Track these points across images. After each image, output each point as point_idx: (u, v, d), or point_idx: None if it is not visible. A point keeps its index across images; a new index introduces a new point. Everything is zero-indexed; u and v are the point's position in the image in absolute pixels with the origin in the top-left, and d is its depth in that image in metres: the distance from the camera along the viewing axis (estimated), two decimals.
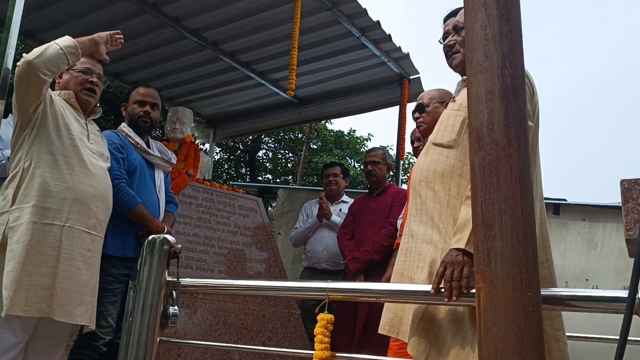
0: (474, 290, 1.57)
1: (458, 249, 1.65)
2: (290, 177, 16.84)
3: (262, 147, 16.49)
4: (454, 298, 1.58)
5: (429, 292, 1.62)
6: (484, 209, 1.29)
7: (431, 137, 1.97)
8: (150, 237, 1.32)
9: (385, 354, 3.44)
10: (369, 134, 17.35)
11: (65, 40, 2.39)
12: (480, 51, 1.36)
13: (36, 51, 2.33)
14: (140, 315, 1.27)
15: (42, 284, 2.23)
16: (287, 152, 17.05)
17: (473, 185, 1.33)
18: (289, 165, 17.10)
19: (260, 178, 16.49)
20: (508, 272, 1.24)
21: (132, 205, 2.78)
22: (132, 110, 3.05)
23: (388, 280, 3.22)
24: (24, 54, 2.35)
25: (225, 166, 16.34)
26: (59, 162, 2.38)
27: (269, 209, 7.40)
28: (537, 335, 1.22)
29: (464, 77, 2.12)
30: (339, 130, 16.73)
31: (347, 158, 16.31)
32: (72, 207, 2.36)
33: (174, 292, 1.32)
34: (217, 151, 15.28)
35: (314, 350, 1.63)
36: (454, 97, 2.01)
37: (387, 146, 16.09)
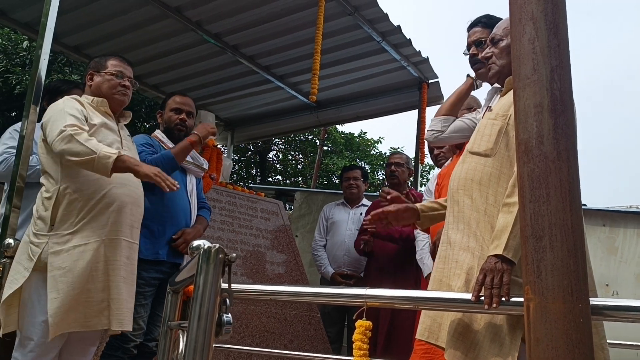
0: (514, 299, 1.60)
1: (496, 256, 1.66)
2: (300, 179, 16.88)
3: (272, 148, 16.55)
4: (494, 305, 1.59)
5: (467, 299, 1.63)
6: (534, 221, 1.31)
7: (468, 146, 1.98)
8: (206, 247, 1.35)
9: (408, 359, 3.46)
10: (379, 137, 17.35)
11: (104, 166, 2.27)
12: (529, 64, 1.38)
13: (75, 150, 2.26)
14: (197, 322, 1.29)
15: (97, 298, 2.28)
16: (297, 153, 17.09)
17: (521, 197, 1.35)
18: (299, 166, 17.15)
19: (270, 179, 16.54)
20: (559, 283, 1.25)
21: (169, 156, 2.87)
22: (169, 118, 3.11)
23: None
24: (71, 134, 2.26)
25: (236, 167, 16.40)
26: (92, 179, 2.38)
27: (286, 211, 7.43)
28: (588, 346, 1.24)
29: (495, 85, 2.14)
30: (350, 132, 16.77)
31: (358, 160, 16.33)
32: (110, 219, 2.38)
33: (227, 300, 1.35)
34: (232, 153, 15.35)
35: (334, 354, 1.66)
36: (490, 106, 2.03)
37: (398, 148, 16.12)
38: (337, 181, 14.37)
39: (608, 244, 4.84)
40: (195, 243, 1.68)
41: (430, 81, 5.14)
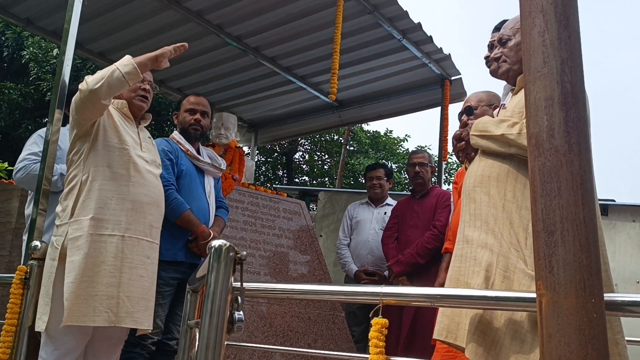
0: (531, 295, 1.58)
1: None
2: (327, 179, 16.89)
3: (298, 149, 16.60)
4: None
5: (486, 296, 1.61)
6: (545, 216, 1.29)
7: None
8: (217, 245, 1.37)
9: (430, 358, 3.43)
10: (406, 135, 17.25)
11: (127, 66, 2.39)
12: (539, 57, 1.36)
13: (98, 78, 2.37)
14: (209, 320, 1.31)
15: (107, 294, 2.30)
16: (323, 154, 17.12)
17: (533, 192, 1.33)
18: (325, 167, 17.17)
19: (297, 180, 16.59)
20: (571, 278, 1.24)
21: (180, 211, 2.86)
22: (184, 119, 3.15)
23: (441, 286, 3.22)
24: (86, 78, 2.41)
25: (263, 169, 16.50)
26: (114, 174, 2.45)
27: (310, 211, 7.45)
28: (602, 342, 1.22)
29: (509, 84, 2.13)
30: (375, 131, 16.70)
31: (384, 160, 16.26)
32: (130, 216, 2.43)
33: (239, 298, 1.36)
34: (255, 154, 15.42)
35: (359, 353, 1.66)
36: (504, 104, 2.02)
37: (425, 146, 16.00)
38: (363, 181, 14.35)
39: (638, 240, 4.71)
40: (213, 243, 1.71)
41: (452, 78, 5.09)
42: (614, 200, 5.12)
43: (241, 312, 1.36)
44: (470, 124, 2.08)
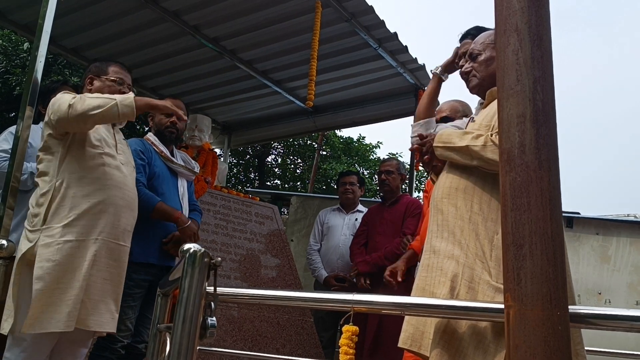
0: (497, 306, 1.61)
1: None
2: (299, 183, 16.89)
3: (271, 152, 16.56)
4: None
5: (454, 306, 1.65)
6: (515, 229, 1.33)
7: None
8: (191, 250, 1.36)
9: None
10: (378, 141, 17.36)
11: (127, 107, 2.35)
12: (512, 75, 1.40)
13: (95, 105, 2.31)
14: (182, 325, 1.31)
15: (75, 298, 2.26)
16: (296, 158, 17.11)
17: (503, 206, 1.37)
18: (297, 171, 17.16)
19: (268, 183, 16.55)
20: (538, 291, 1.27)
21: (152, 204, 2.84)
22: (160, 121, 3.13)
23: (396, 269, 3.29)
24: (83, 96, 2.35)
25: (235, 171, 16.42)
26: (89, 179, 2.41)
27: (282, 215, 7.45)
28: (566, 353, 1.25)
29: (481, 99, 2.18)
30: (348, 137, 16.77)
31: (356, 165, 16.34)
32: (104, 220, 2.40)
33: (212, 304, 1.37)
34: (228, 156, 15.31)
35: (326, 358, 1.69)
36: (473, 117, 2.06)
37: (397, 154, 16.14)
38: (335, 186, 14.38)
39: (601, 252, 4.85)
40: (186, 246, 1.70)
41: (426, 88, 5.14)
42: (578, 213, 5.25)
43: (214, 318, 1.36)
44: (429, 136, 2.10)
